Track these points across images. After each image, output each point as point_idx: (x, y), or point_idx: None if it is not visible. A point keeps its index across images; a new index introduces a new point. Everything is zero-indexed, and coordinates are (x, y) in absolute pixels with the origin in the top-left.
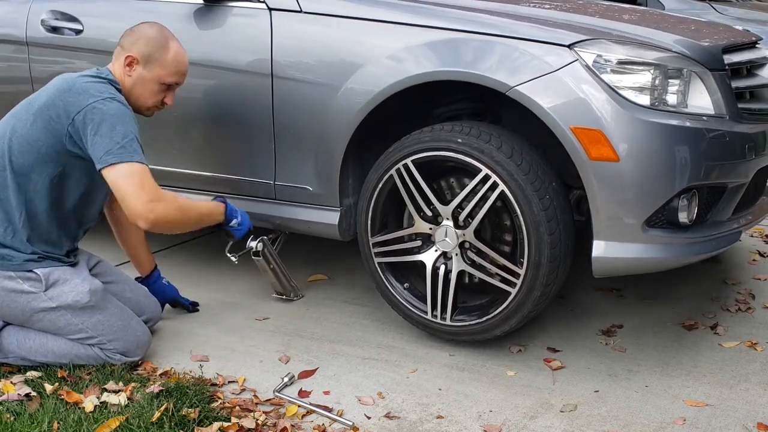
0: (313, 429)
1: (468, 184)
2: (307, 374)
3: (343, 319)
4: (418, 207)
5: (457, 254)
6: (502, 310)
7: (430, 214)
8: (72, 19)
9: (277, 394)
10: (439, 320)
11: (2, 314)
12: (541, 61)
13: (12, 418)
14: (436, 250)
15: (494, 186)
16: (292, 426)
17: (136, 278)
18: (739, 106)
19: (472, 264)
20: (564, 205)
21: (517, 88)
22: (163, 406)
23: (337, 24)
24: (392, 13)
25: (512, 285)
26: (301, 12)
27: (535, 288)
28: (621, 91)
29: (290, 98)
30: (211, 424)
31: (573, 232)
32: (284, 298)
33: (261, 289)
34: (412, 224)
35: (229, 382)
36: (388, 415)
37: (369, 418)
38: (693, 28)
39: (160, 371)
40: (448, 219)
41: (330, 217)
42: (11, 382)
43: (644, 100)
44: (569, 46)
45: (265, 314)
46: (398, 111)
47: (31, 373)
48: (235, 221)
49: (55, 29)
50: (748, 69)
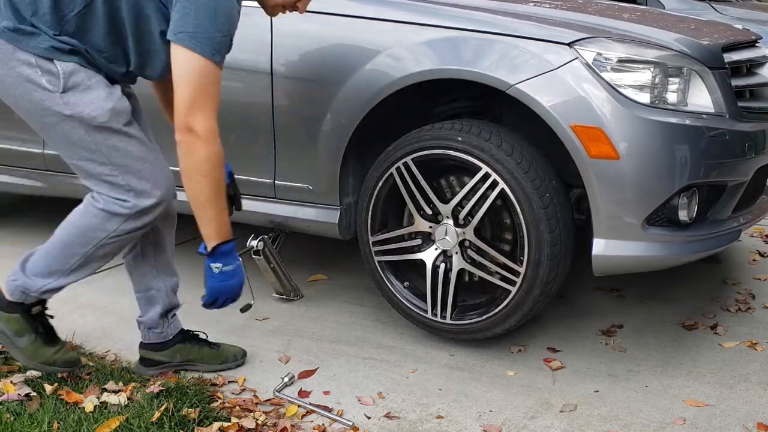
0: (313, 429)
1: (468, 183)
2: (307, 374)
3: (343, 319)
4: (418, 205)
5: (457, 253)
6: (503, 309)
7: (430, 212)
8: None
9: (278, 394)
10: (439, 319)
11: (16, 107)
12: (541, 59)
13: (12, 418)
14: (436, 249)
15: (494, 184)
16: (292, 426)
17: None
18: (739, 105)
19: (472, 262)
20: (564, 204)
21: (517, 86)
22: (163, 406)
23: (338, 22)
24: (392, 11)
25: (512, 283)
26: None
27: (535, 286)
28: (621, 90)
29: (290, 97)
30: (211, 424)
31: (573, 231)
32: (284, 297)
33: (261, 289)
34: (412, 223)
35: (229, 382)
36: (388, 415)
37: (369, 418)
38: (693, 27)
39: None
40: (448, 217)
41: (330, 216)
42: (11, 382)
43: (644, 98)
44: (569, 45)
45: (265, 314)
46: (398, 109)
47: (31, 373)
48: (221, 266)
49: None
50: (748, 68)
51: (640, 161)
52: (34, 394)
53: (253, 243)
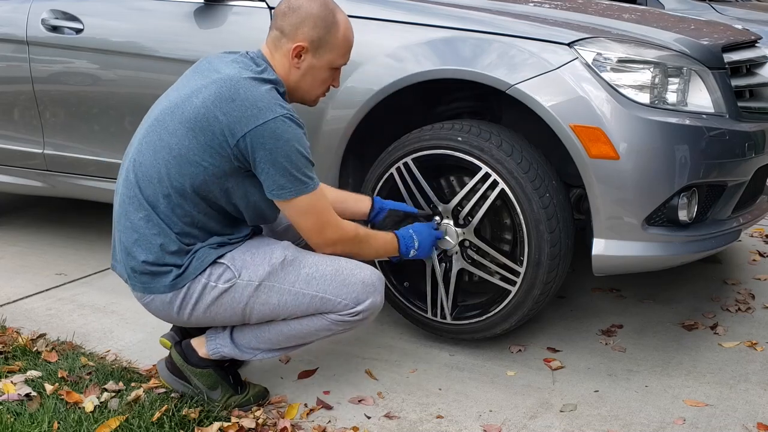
0: (313, 429)
1: (468, 183)
2: (307, 374)
3: None
4: (418, 205)
5: (457, 253)
6: (503, 309)
7: (430, 212)
8: (72, 18)
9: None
10: (439, 319)
11: (224, 323)
12: (541, 59)
13: (12, 418)
14: (436, 249)
15: (494, 184)
16: (292, 426)
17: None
18: (739, 105)
19: (472, 262)
20: (564, 204)
21: (517, 86)
22: (164, 407)
23: None
24: (392, 11)
25: (512, 283)
26: None
27: (536, 286)
28: (621, 90)
29: None
30: (211, 424)
31: (573, 231)
32: None
33: None
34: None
35: None
36: (388, 415)
37: (369, 418)
38: (693, 27)
39: None
40: (448, 217)
41: None
42: (11, 382)
43: (644, 98)
44: (569, 45)
45: None
46: (398, 109)
47: (31, 373)
48: (413, 251)
49: (55, 28)
50: (748, 68)
51: (640, 161)
52: (34, 394)
53: None
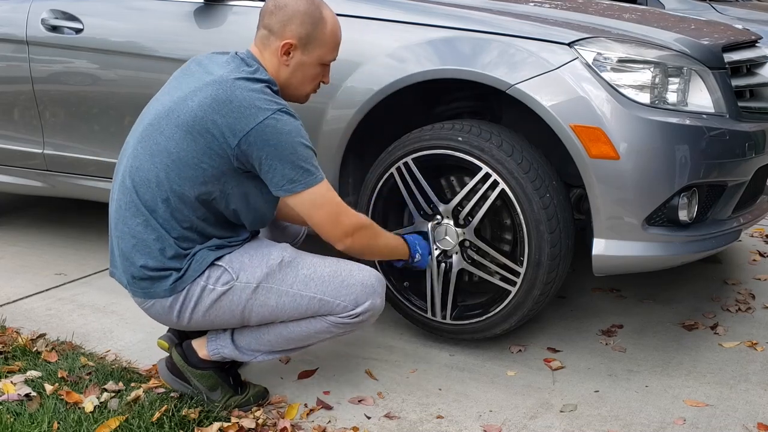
0: (313, 429)
1: (468, 183)
2: (307, 374)
3: None
4: (418, 205)
5: (457, 253)
6: (503, 309)
7: (430, 212)
8: (72, 18)
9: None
10: (439, 319)
11: (224, 326)
12: (542, 59)
13: (12, 418)
14: (436, 249)
15: (494, 184)
16: (292, 426)
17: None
18: (739, 105)
19: (473, 262)
20: (564, 204)
21: (517, 86)
22: (164, 407)
23: None
24: (392, 11)
25: (512, 284)
26: None
27: (536, 287)
28: (621, 89)
29: None
30: (211, 424)
31: (573, 231)
32: None
33: None
34: (412, 223)
35: None
36: (388, 415)
37: (369, 418)
38: (693, 27)
39: None
40: (448, 217)
41: None
42: (11, 382)
43: (644, 98)
44: (569, 45)
45: None
46: (398, 109)
47: (31, 373)
48: (417, 256)
49: (55, 28)
50: (748, 67)
51: (640, 161)
52: (34, 394)
53: None
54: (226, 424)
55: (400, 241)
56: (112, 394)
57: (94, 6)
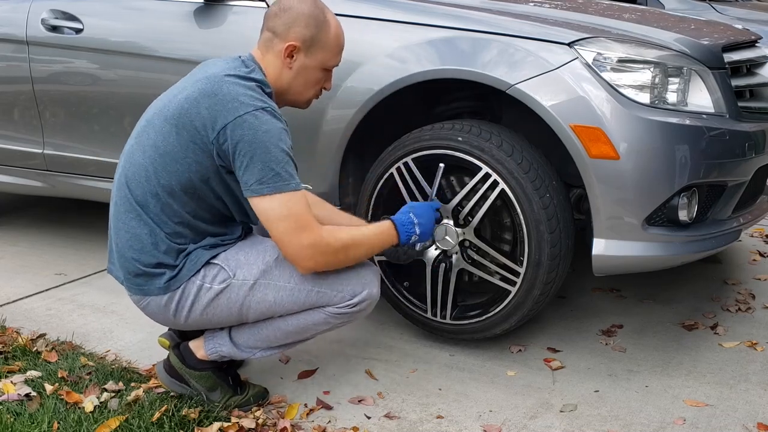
0: (313, 429)
1: (468, 183)
2: (307, 374)
3: None
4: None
5: (457, 253)
6: (503, 309)
7: None
8: (72, 18)
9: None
10: (439, 319)
11: (220, 325)
12: (542, 59)
13: (12, 418)
14: (436, 249)
15: (494, 184)
16: (292, 426)
17: None
18: (739, 105)
19: (472, 263)
20: (564, 204)
21: (517, 86)
22: (164, 407)
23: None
24: (392, 11)
25: (512, 284)
26: None
27: (536, 287)
28: (621, 89)
29: None
30: (211, 424)
31: (573, 231)
32: None
33: None
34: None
35: None
36: (388, 415)
37: (369, 418)
38: (693, 27)
39: None
40: (448, 217)
41: None
42: (11, 382)
43: (644, 98)
44: (569, 45)
45: None
46: (398, 109)
47: (31, 373)
48: (414, 237)
49: (55, 28)
50: (748, 67)
51: (640, 161)
52: (34, 394)
53: None
54: (226, 424)
55: (384, 230)
56: (112, 394)
57: (94, 6)
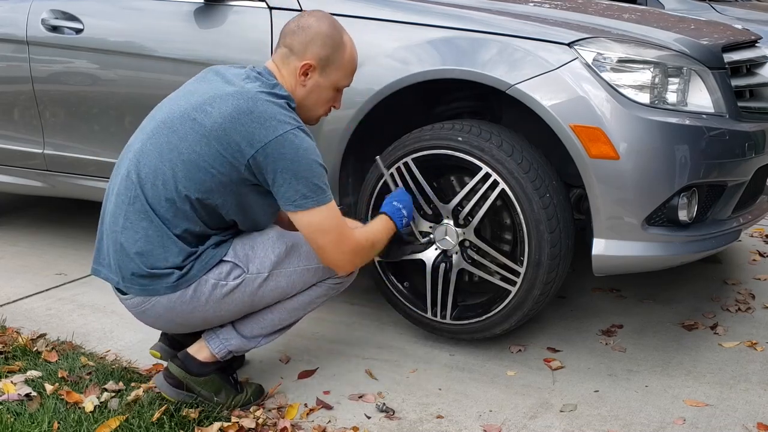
0: (313, 429)
1: (468, 183)
2: (307, 374)
3: (343, 319)
4: (418, 205)
5: (457, 253)
6: (503, 309)
7: (430, 212)
8: (72, 18)
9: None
10: (439, 319)
11: (231, 317)
12: (541, 59)
13: (12, 418)
14: (436, 249)
15: (495, 184)
16: (293, 426)
17: None
18: (739, 105)
19: (473, 262)
20: (564, 204)
21: (517, 86)
22: (164, 407)
23: None
24: (392, 11)
25: (512, 283)
26: (301, 11)
27: (536, 286)
28: (621, 89)
29: None
30: (211, 424)
31: (573, 231)
32: None
33: None
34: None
35: None
36: (388, 415)
37: (369, 418)
38: (693, 27)
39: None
40: (448, 217)
41: None
42: (11, 382)
43: (644, 98)
44: (569, 45)
45: None
46: (398, 109)
47: (31, 373)
48: (404, 219)
49: (55, 28)
50: (748, 68)
51: (640, 161)
52: (34, 394)
53: None
54: (226, 424)
55: (384, 223)
56: (112, 394)
57: (94, 6)
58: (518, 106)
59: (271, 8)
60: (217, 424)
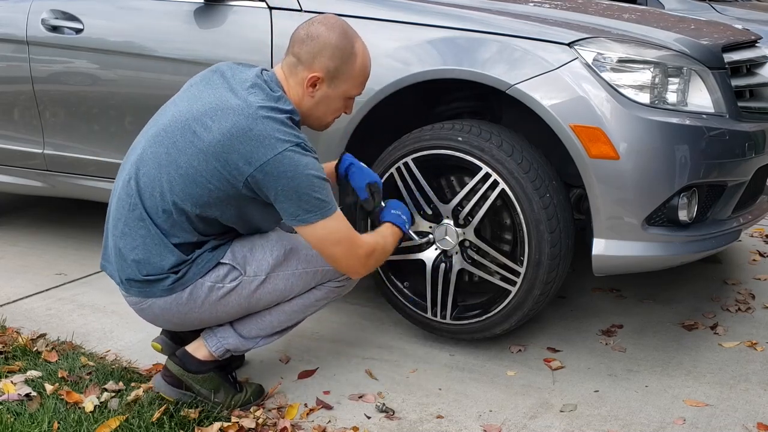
0: (313, 429)
1: (468, 183)
2: (307, 374)
3: (343, 319)
4: (418, 205)
5: (457, 253)
6: (503, 309)
7: (430, 212)
8: (72, 18)
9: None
10: (439, 319)
11: (228, 319)
12: (541, 59)
13: (12, 418)
14: (436, 249)
15: (495, 184)
16: (293, 426)
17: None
18: (739, 105)
19: (473, 262)
20: (564, 204)
21: (517, 86)
22: (164, 407)
23: None
24: (393, 11)
25: (512, 283)
26: (301, 11)
27: (536, 286)
28: (621, 90)
29: None
30: (211, 424)
31: (573, 231)
32: None
33: None
34: (412, 222)
35: None
36: (388, 415)
37: (369, 418)
38: (693, 27)
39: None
40: (448, 217)
41: None
42: (11, 382)
43: (644, 98)
44: (569, 45)
45: None
46: (398, 109)
47: (32, 373)
48: (407, 224)
49: (55, 28)
50: (748, 68)
51: (640, 161)
52: (34, 394)
53: None
54: (226, 424)
55: (390, 229)
56: (112, 394)
57: (94, 6)
58: (518, 106)
59: (271, 8)
60: (217, 424)
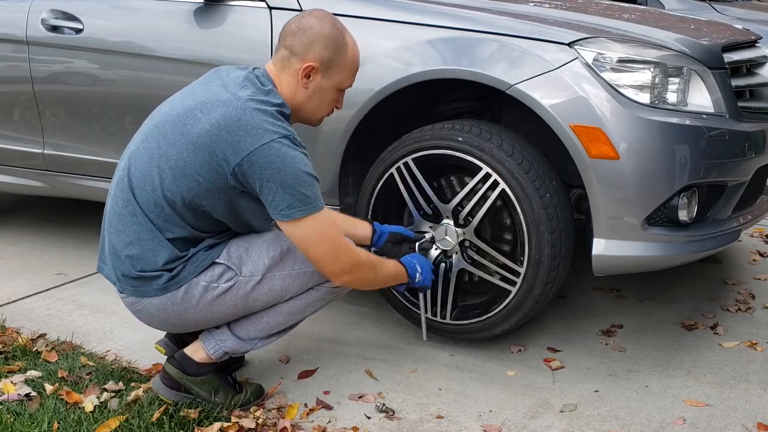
0: (313, 429)
1: (468, 183)
2: (307, 374)
3: (343, 319)
4: (418, 205)
5: (457, 253)
6: (503, 309)
7: (430, 212)
8: (72, 18)
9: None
10: (439, 319)
11: (224, 320)
12: (541, 59)
13: (12, 418)
14: (436, 249)
15: (495, 184)
16: (293, 426)
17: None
18: (739, 105)
19: (473, 262)
20: (564, 204)
21: (517, 86)
22: (163, 407)
23: None
24: (392, 12)
25: (512, 283)
26: (301, 11)
27: (536, 286)
28: (621, 89)
29: None
30: (211, 424)
31: (573, 231)
32: None
33: None
34: (412, 223)
35: None
36: (388, 415)
37: (369, 418)
38: (693, 27)
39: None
40: (448, 217)
41: None
42: (11, 382)
43: (644, 98)
44: (569, 45)
45: None
46: (398, 109)
47: (32, 373)
48: (418, 276)
49: (55, 28)
50: (748, 68)
51: (640, 161)
52: (34, 394)
53: None
54: (226, 424)
55: (398, 268)
56: (112, 394)
57: (94, 6)
58: (518, 106)
59: (271, 8)
60: (217, 424)
